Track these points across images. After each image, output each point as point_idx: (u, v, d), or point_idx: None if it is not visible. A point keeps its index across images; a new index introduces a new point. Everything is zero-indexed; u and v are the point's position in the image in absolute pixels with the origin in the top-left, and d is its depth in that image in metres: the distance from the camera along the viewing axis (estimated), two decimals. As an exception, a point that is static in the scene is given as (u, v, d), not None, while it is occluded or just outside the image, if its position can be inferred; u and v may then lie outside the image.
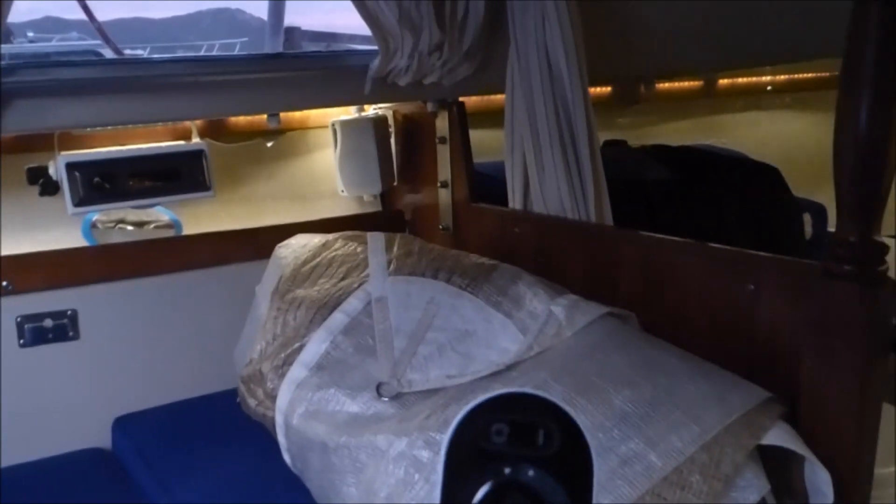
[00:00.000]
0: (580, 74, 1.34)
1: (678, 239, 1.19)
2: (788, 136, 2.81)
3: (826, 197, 1.78)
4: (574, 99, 1.34)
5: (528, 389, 0.58)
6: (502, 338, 1.13)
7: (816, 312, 0.93)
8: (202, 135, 1.63)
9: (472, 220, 1.64)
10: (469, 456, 0.55)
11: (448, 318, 1.17)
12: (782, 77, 2.80)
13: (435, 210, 1.73)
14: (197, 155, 1.54)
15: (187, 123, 1.61)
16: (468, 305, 1.19)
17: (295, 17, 1.80)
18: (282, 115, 1.67)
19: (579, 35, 1.34)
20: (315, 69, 1.53)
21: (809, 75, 2.81)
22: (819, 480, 0.92)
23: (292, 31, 1.90)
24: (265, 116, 1.62)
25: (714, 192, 1.77)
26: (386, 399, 1.05)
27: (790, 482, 0.96)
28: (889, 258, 0.92)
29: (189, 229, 1.65)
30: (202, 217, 1.66)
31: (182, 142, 1.59)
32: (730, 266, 1.10)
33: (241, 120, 1.71)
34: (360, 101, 1.68)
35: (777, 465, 0.95)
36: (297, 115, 1.77)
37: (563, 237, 1.40)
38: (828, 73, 2.74)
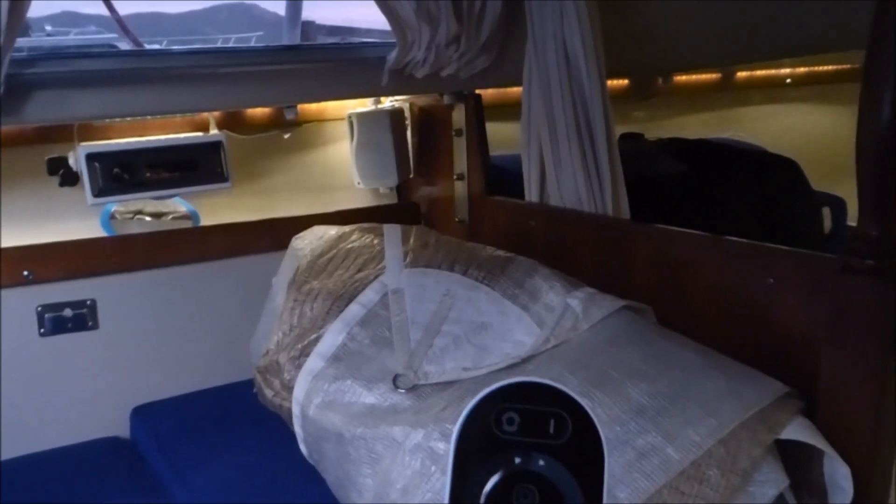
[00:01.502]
0: (598, 68, 1.34)
1: (694, 232, 1.18)
2: (808, 130, 2.78)
3: (846, 191, 1.76)
4: (592, 92, 1.33)
5: (539, 378, 0.58)
6: (518, 330, 1.13)
7: (834, 307, 0.92)
8: (220, 126, 1.64)
9: (488, 212, 1.64)
10: (479, 446, 0.55)
11: (464, 310, 1.17)
12: (802, 69, 2.76)
13: (451, 202, 1.73)
14: (215, 146, 1.55)
15: (205, 115, 1.61)
16: (484, 298, 1.18)
17: (310, 11, 1.81)
18: (299, 106, 1.68)
19: (597, 29, 1.33)
20: (332, 61, 1.54)
21: (829, 68, 2.77)
22: (838, 475, 0.91)
23: (308, 25, 1.90)
24: (282, 108, 1.62)
25: (731, 185, 1.75)
26: (402, 391, 1.06)
27: (809, 477, 0.95)
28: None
29: (207, 220, 1.66)
30: (220, 208, 1.67)
31: (200, 133, 1.60)
32: (747, 259, 1.10)
33: (259, 112, 1.71)
34: (376, 92, 1.68)
35: (795, 459, 0.95)
36: (313, 106, 1.77)
37: (578, 230, 1.39)
38: (849, 66, 2.70)
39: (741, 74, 2.71)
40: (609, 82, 2.31)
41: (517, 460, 0.55)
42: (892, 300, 0.88)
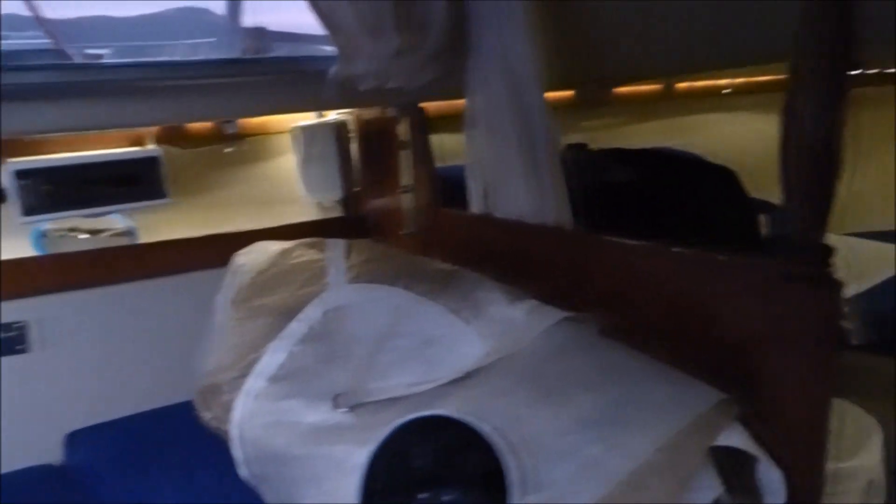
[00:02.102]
0: (539, 79, 1.34)
1: (642, 242, 1.19)
2: (748, 138, 2.84)
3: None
4: (534, 104, 1.33)
5: (448, 412, 0.58)
6: (463, 344, 1.12)
7: (776, 313, 0.94)
8: (159, 140, 1.60)
9: (436, 225, 1.63)
10: (387, 481, 0.55)
11: (408, 325, 1.16)
12: (739, 80, 2.83)
13: (398, 215, 1.72)
14: (152, 161, 1.51)
15: (143, 129, 1.57)
16: (428, 312, 1.18)
17: (264, 16, 1.77)
18: (241, 120, 1.65)
19: (538, 40, 1.33)
20: (274, 74, 1.51)
21: (767, 78, 2.85)
22: (772, 479, 0.93)
23: (259, 32, 1.86)
24: (222, 122, 1.59)
25: (670, 194, 1.78)
26: (344, 410, 1.04)
27: (745, 480, 0.97)
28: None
29: (146, 238, 1.62)
30: (159, 225, 1.63)
31: (137, 148, 1.56)
32: (691, 268, 1.11)
33: (199, 125, 1.68)
34: (320, 107, 1.66)
35: (735, 464, 0.97)
36: (256, 120, 1.75)
37: (524, 242, 1.39)
38: (785, 76, 2.78)
39: (682, 85, 2.77)
40: (555, 93, 2.34)
41: (423, 496, 0.55)
42: (828, 306, 0.90)
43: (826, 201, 0.89)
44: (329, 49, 1.43)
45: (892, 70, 3.25)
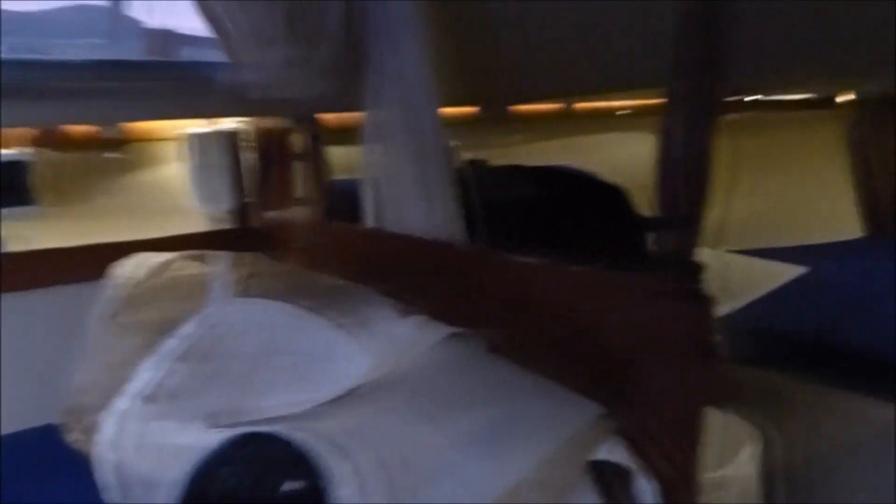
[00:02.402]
0: (435, 95, 1.34)
1: (529, 260, 1.20)
2: (642, 157, 2.96)
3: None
4: (428, 119, 1.33)
5: (269, 429, 0.56)
6: (348, 361, 1.10)
7: (647, 329, 0.97)
8: (34, 143, 1.50)
9: (330, 238, 1.61)
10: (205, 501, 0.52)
11: (291, 342, 1.13)
12: (636, 102, 2.95)
13: (292, 228, 1.69)
14: (19, 166, 1.41)
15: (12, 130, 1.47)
16: (313, 328, 1.15)
17: (174, 18, 1.69)
18: (129, 125, 1.58)
19: (436, 56, 1.34)
20: (163, 79, 1.45)
21: (661, 101, 2.98)
22: (647, 491, 0.96)
23: (164, 34, 1.79)
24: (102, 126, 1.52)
25: (564, 210, 1.82)
26: (221, 430, 1.00)
27: (622, 492, 0.99)
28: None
29: (14, 247, 1.51)
30: (30, 234, 1.53)
31: (4, 151, 1.46)
32: (574, 285, 1.13)
33: (79, 128, 1.59)
34: (209, 114, 1.61)
35: (614, 476, 0.98)
36: (142, 125, 1.67)
37: (419, 257, 1.39)
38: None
39: (581, 104, 2.86)
40: (457, 109, 2.36)
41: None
42: (699, 320, 0.94)
43: (696, 220, 0.93)
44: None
45: (776, 97, 3.48)
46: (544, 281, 1.17)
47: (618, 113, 2.96)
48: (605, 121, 2.94)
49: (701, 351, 0.95)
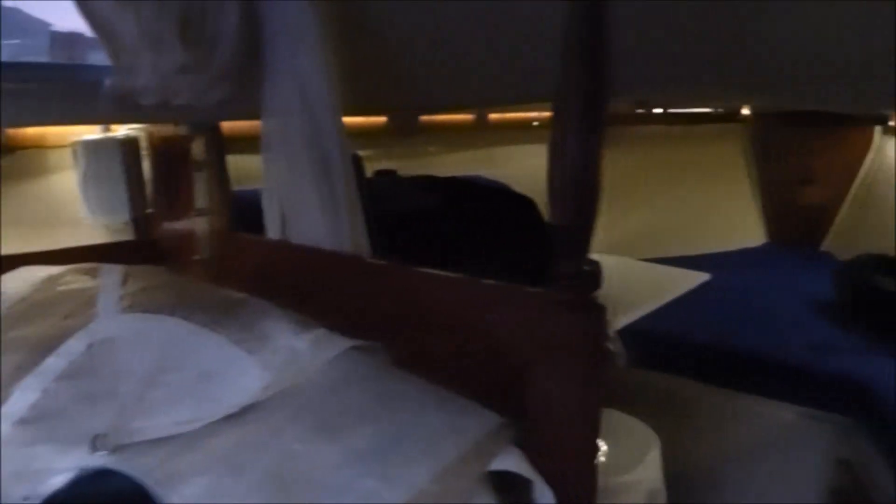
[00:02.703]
0: (336, 104, 1.33)
1: (428, 270, 1.20)
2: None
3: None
4: (328, 129, 1.31)
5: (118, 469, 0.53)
6: (244, 377, 1.07)
7: (541, 338, 0.98)
8: None
9: (231, 250, 1.56)
10: None
11: (185, 358, 1.08)
12: (547, 114, 3.00)
13: (192, 240, 1.63)
14: None
15: None
16: (208, 344, 1.11)
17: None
18: (13, 131, 1.49)
19: (333, 64, 1.32)
20: (47, 81, 1.38)
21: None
22: (546, 500, 0.96)
23: (71, 37, 1.70)
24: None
25: (474, 221, 1.83)
26: (104, 453, 0.95)
27: (523, 502, 0.99)
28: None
29: None
30: None
31: None
32: (471, 295, 1.14)
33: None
34: (97, 120, 1.54)
35: (512, 487, 0.99)
36: (30, 131, 1.58)
37: (319, 269, 1.36)
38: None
39: (494, 116, 2.89)
40: (367, 119, 2.35)
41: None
42: (590, 329, 0.95)
43: (586, 230, 0.95)
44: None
45: (682, 110, 3.62)
46: (443, 292, 1.17)
47: (535, 124, 3.01)
48: (521, 132, 2.98)
49: (594, 358, 0.97)
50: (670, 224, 3.58)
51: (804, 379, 2.17)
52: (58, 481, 0.81)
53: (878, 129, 3.56)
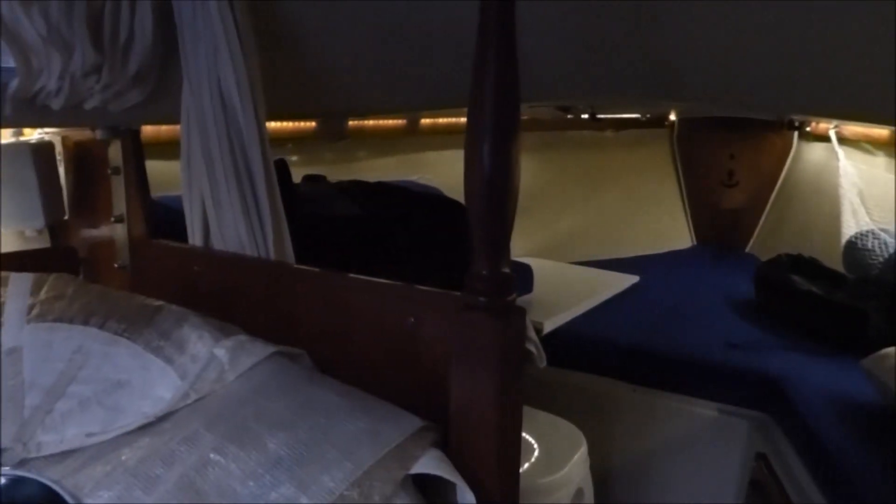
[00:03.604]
0: (255, 110, 1.31)
1: (351, 275, 1.20)
2: None
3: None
4: (249, 134, 1.29)
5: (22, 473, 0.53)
6: (160, 386, 1.05)
7: (460, 341, 0.99)
8: None
9: (151, 257, 1.52)
10: None
11: (97, 368, 1.05)
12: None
13: (111, 247, 1.58)
14: None
15: None
16: (123, 353, 1.08)
17: None
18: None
19: (255, 69, 1.30)
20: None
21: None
22: (467, 500, 0.97)
23: None
24: None
25: (406, 227, 1.83)
26: (7, 467, 0.91)
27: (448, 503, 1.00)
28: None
29: None
30: None
31: None
32: (394, 300, 1.14)
33: None
34: (4, 124, 1.48)
35: (435, 489, 0.99)
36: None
37: (242, 276, 1.34)
38: (527, 117, 3.03)
39: (426, 121, 2.90)
40: (297, 124, 2.33)
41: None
42: (503, 332, 0.96)
43: (502, 234, 0.96)
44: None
45: (611, 115, 3.70)
46: (367, 296, 1.17)
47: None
48: (452, 137, 2.99)
49: (510, 361, 0.98)
50: (600, 227, 3.66)
51: (723, 376, 2.25)
52: None
53: (795, 134, 3.72)
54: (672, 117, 4.04)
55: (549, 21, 1.35)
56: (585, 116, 3.38)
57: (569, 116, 3.31)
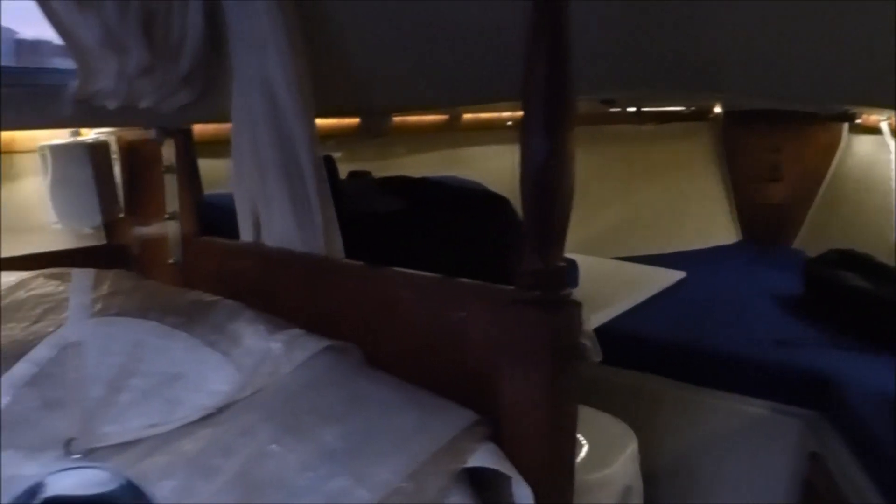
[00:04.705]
0: (305, 107, 1.32)
1: (397, 269, 1.20)
2: None
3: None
4: (298, 131, 1.31)
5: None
6: (216, 379, 1.07)
7: (511, 336, 0.99)
8: None
9: (201, 254, 1.55)
10: None
11: (156, 361, 1.08)
12: (521, 113, 3.01)
13: (164, 244, 1.62)
14: None
15: None
16: (180, 346, 1.11)
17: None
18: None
19: (303, 67, 1.32)
20: (11, 86, 1.36)
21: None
22: (522, 495, 0.97)
23: (35, 45, 1.67)
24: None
25: (448, 221, 1.83)
26: (76, 456, 0.94)
27: (500, 500, 1.00)
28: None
29: None
30: None
31: None
32: (441, 294, 1.14)
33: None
34: (62, 124, 1.52)
35: (488, 483, 0.99)
36: (-2, 136, 1.56)
37: (288, 271, 1.36)
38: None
39: (467, 116, 2.90)
40: (339, 121, 2.34)
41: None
42: (555, 326, 0.96)
43: (557, 231, 0.95)
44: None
45: (653, 108, 3.66)
46: (415, 291, 1.17)
47: (509, 123, 3.02)
48: (494, 132, 2.99)
49: (564, 356, 0.98)
50: (643, 222, 3.62)
51: (773, 374, 2.21)
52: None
53: (845, 126, 3.63)
54: (716, 110, 3.97)
55: (593, 15, 1.34)
56: (631, 109, 3.34)
57: (613, 110, 3.28)
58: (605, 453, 1.79)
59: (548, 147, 0.91)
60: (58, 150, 1.58)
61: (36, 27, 1.45)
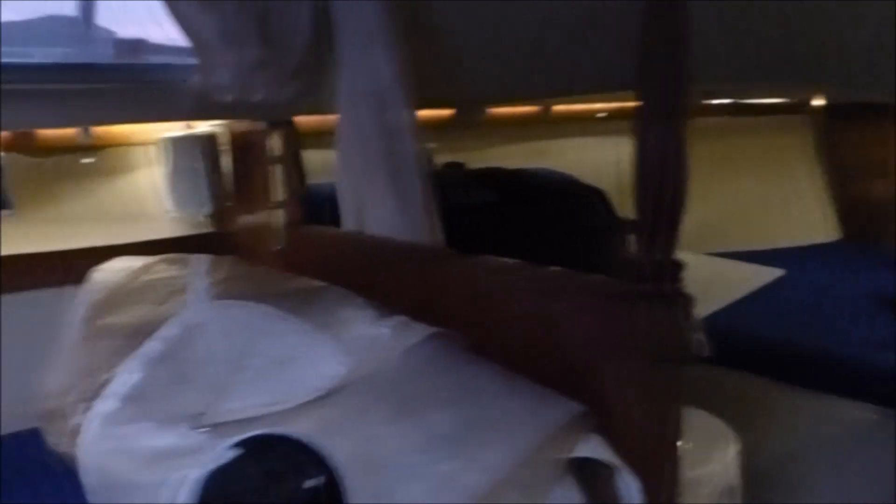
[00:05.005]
0: (408, 98, 1.35)
1: (499, 259, 1.21)
2: (619, 161, 2.98)
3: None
4: (402, 122, 1.34)
5: (282, 431, 0.56)
6: (327, 362, 1.10)
7: (620, 329, 0.98)
8: (5, 147, 1.48)
9: (305, 242, 1.60)
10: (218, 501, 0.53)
11: (271, 343, 1.13)
12: (613, 105, 2.97)
13: (269, 232, 1.68)
14: (-9, 169, 1.40)
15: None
16: (292, 329, 1.15)
17: (142, 28, 1.68)
18: (103, 129, 1.56)
19: (407, 59, 1.34)
20: (133, 82, 1.44)
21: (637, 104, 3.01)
22: (630, 488, 0.96)
23: (134, 44, 1.77)
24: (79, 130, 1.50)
25: (543, 212, 1.83)
26: (203, 430, 1.00)
27: (605, 492, 1.00)
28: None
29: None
30: (4, 238, 1.50)
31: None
32: (545, 285, 1.14)
33: (53, 133, 1.57)
34: (178, 116, 1.60)
35: (593, 475, 0.99)
36: (118, 129, 1.66)
37: (391, 259, 1.39)
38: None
39: (558, 108, 2.87)
40: (433, 112, 2.37)
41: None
42: (667, 320, 0.95)
43: (672, 222, 0.94)
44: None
45: (750, 101, 3.53)
46: (512, 281, 1.17)
47: (598, 115, 2.98)
48: (585, 124, 2.95)
49: (673, 351, 0.96)
50: (738, 217, 3.50)
51: (876, 377, 2.10)
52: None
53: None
54: (815, 102, 3.79)
55: (699, 9, 1.31)
56: (729, 101, 3.24)
57: (714, 102, 3.18)
58: (703, 451, 1.74)
59: (665, 138, 0.90)
60: (174, 142, 1.67)
61: (134, 27, 1.54)
